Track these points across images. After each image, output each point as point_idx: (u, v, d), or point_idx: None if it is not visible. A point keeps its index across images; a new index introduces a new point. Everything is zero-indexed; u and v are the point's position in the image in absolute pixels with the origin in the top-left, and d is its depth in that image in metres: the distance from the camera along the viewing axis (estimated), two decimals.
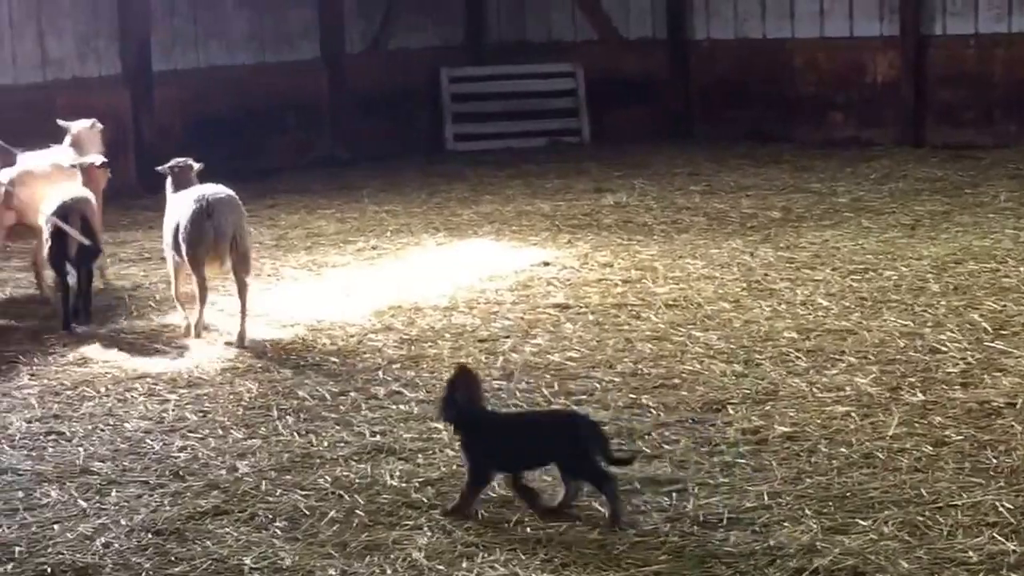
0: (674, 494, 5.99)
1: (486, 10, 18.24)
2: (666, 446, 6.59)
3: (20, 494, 6.21)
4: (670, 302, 9.25)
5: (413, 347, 8.42)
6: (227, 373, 7.98)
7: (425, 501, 6.00)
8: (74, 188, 9.38)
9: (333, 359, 8.21)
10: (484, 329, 8.78)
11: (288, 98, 15.93)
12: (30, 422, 7.21)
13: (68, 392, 7.71)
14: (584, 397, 7.36)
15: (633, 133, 16.83)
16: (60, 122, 10.57)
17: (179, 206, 8.76)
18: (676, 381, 7.58)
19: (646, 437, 6.72)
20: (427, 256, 11.12)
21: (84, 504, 6.07)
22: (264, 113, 15.65)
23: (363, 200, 13.63)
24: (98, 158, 9.96)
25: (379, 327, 8.89)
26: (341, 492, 6.11)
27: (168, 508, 6.01)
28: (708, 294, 9.43)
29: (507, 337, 8.57)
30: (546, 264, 10.55)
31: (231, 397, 7.53)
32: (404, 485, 6.19)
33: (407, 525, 5.78)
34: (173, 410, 7.34)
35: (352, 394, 7.53)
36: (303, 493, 6.13)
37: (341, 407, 7.31)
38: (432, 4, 17.89)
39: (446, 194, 13.87)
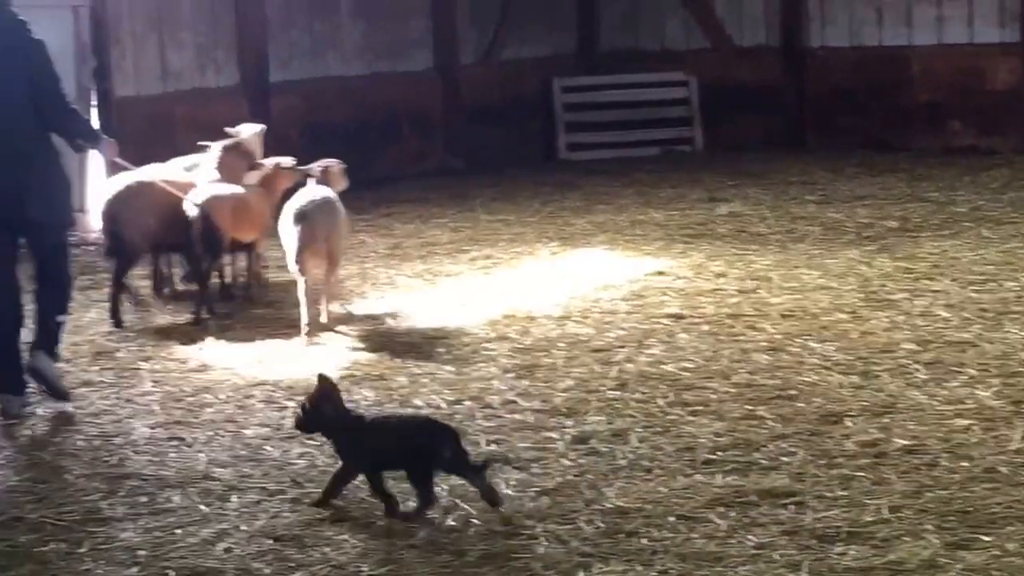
0: (791, 507, 5.94)
1: (599, 19, 18.23)
2: (783, 458, 6.53)
3: (144, 499, 6.32)
4: (786, 313, 9.17)
5: (527, 356, 8.44)
6: (344, 381, 8.05)
7: (541, 511, 6.01)
8: (219, 186, 9.66)
9: (448, 368, 8.25)
10: (598, 339, 8.78)
11: (402, 108, 16.04)
12: (153, 428, 7.35)
13: (189, 399, 7.84)
14: (700, 408, 7.33)
15: (747, 142, 16.71)
16: (228, 129, 10.81)
17: (285, 210, 9.15)
18: (793, 392, 7.51)
19: (762, 449, 6.67)
20: (541, 265, 11.15)
21: (206, 509, 6.17)
22: (378, 123, 15.78)
23: (477, 209, 13.70)
24: (286, 159, 10.25)
25: (493, 336, 8.92)
26: (457, 500, 6.14)
27: (287, 514, 6.09)
28: (824, 305, 9.34)
29: (621, 347, 8.56)
30: (660, 274, 10.52)
31: (348, 405, 7.59)
32: (520, 495, 6.21)
33: (523, 535, 5.79)
34: (291, 417, 7.42)
35: (467, 403, 7.57)
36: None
37: (456, 416, 7.34)
38: (545, 14, 17.92)
39: (559, 203, 13.88)
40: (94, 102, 13.69)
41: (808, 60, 16.87)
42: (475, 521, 5.94)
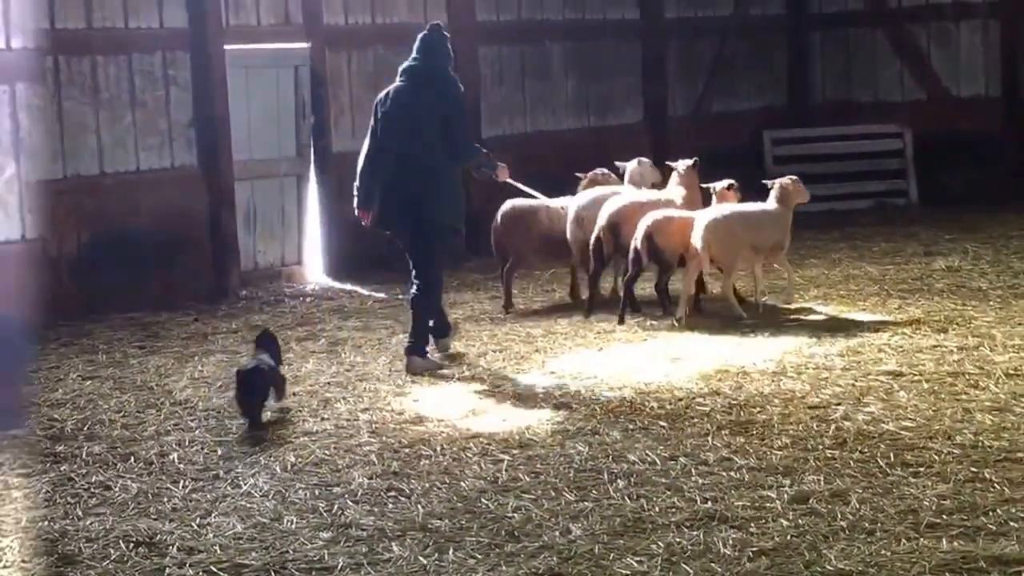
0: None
1: (810, 71, 18.07)
2: (1012, 524, 6.29)
3: (363, 548, 6.40)
4: (1011, 371, 8.88)
5: (742, 412, 8.34)
6: (557, 435, 8.07)
7: (759, 572, 5.91)
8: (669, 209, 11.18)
9: (662, 423, 8.20)
10: (814, 395, 8.62)
11: (611, 161, 16.02)
12: (371, 478, 7.44)
13: (406, 450, 7.93)
14: (922, 469, 7.12)
15: (964, 195, 16.32)
16: (618, 163, 12.29)
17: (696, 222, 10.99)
18: (1020, 455, 7.25)
19: (990, 513, 6.44)
20: (754, 319, 11.00)
21: (424, 561, 6.22)
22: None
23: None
24: (726, 181, 11.40)
25: (706, 391, 8.84)
26: (674, 559, 6.08)
27: (504, 568, 6.09)
28: None
29: (838, 404, 8.39)
30: (876, 330, 10.30)
31: (562, 459, 7.60)
32: (737, 554, 6.11)
33: None
34: (507, 470, 7.45)
35: (682, 459, 7.49)
36: (636, 559, 6.12)
37: (671, 472, 7.28)
38: (756, 67, 17.85)
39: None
40: (313, 157, 14.06)
41: None
42: None
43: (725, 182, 11.41)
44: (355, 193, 9.91)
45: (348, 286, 13.41)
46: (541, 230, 11.84)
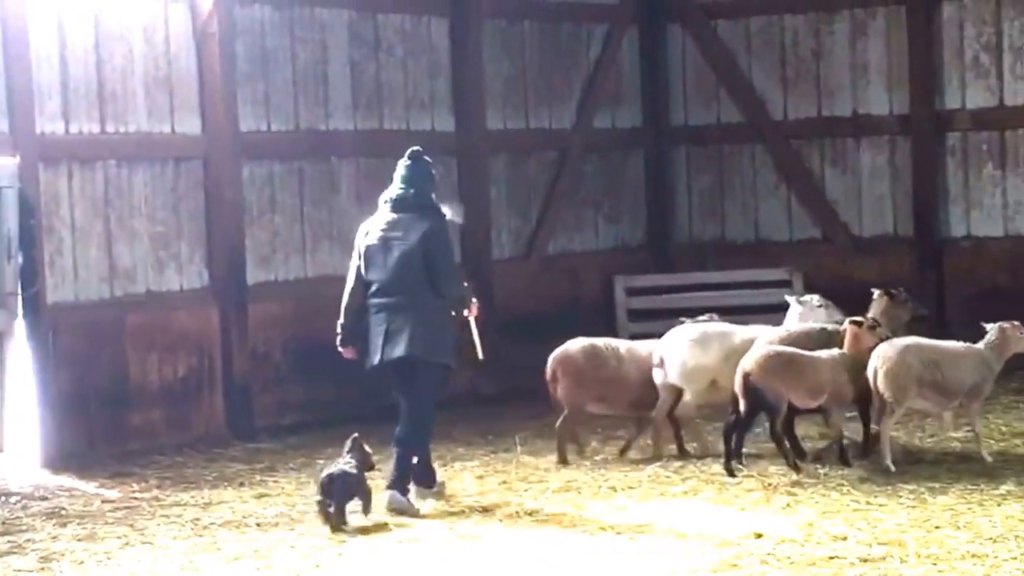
0: None
1: (673, 201, 18.57)
2: None
3: None
4: None
5: None
6: None
7: None
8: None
9: None
10: None
11: None
12: None
13: None
14: None
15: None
16: (787, 297, 14.20)
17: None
18: None
19: None
20: (601, 520, 11.19)
21: None
22: None
23: (515, 448, 13.81)
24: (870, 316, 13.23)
25: None
26: None
27: None
28: None
29: None
30: (758, 536, 10.56)
31: None
32: None
33: None
34: None
35: None
36: None
37: None
38: (604, 195, 18.29)
39: (626, 439, 13.90)
40: (20, 310, 13.94)
41: (949, 253, 17.08)
42: None
43: (865, 317, 13.01)
44: (339, 330, 12.06)
45: (68, 481, 13.29)
46: (602, 375, 13.32)
